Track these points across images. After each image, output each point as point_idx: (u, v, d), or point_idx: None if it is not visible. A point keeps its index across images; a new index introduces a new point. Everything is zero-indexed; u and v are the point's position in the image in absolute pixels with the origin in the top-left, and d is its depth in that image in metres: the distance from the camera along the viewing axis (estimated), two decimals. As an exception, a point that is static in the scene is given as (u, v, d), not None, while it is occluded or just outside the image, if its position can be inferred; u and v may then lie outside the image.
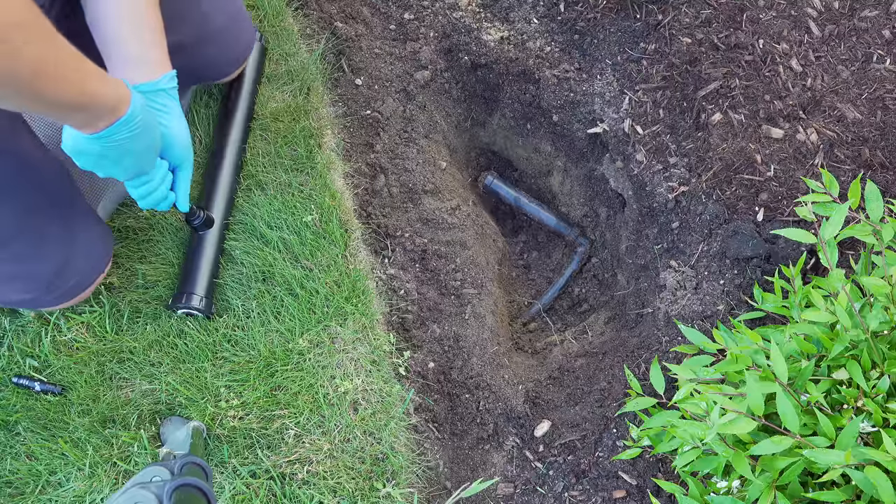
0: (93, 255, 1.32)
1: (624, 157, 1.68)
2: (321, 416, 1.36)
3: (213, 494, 0.81)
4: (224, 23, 1.39)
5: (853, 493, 0.96)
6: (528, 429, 1.48)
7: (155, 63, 1.15)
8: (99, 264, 1.35)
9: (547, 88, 1.78)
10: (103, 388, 1.37)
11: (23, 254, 1.19)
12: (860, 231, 1.13)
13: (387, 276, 1.56)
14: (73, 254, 1.26)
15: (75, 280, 1.31)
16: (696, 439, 1.01)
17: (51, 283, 1.27)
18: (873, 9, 1.64)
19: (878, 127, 1.50)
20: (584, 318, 1.83)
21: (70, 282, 1.30)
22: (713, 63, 1.59)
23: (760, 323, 1.37)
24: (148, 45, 1.13)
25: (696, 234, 1.52)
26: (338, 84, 1.75)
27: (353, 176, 1.65)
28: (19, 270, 1.22)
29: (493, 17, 1.85)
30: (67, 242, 1.24)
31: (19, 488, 1.31)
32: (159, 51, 1.16)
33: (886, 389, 0.99)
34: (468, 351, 1.53)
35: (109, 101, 0.98)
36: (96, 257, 1.33)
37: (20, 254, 1.19)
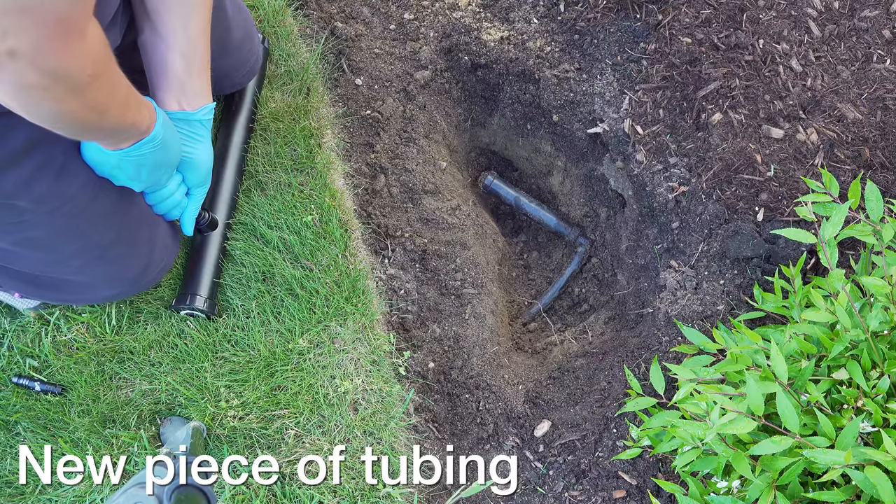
0: (168, 248, 1.36)
1: (624, 157, 1.68)
2: (321, 416, 1.36)
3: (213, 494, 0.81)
4: (241, 37, 1.43)
5: (853, 493, 0.96)
6: (528, 429, 1.48)
7: (197, 93, 1.20)
8: (171, 256, 1.39)
9: (547, 88, 1.78)
10: (103, 388, 1.37)
11: (120, 256, 1.24)
12: (860, 231, 1.13)
13: (387, 276, 1.56)
14: (154, 250, 1.30)
15: (155, 273, 1.35)
16: (696, 439, 1.01)
17: (137, 279, 1.32)
18: (873, 9, 1.64)
19: (878, 127, 1.50)
20: (584, 318, 1.83)
21: (151, 275, 1.34)
22: (713, 63, 1.59)
23: (760, 323, 1.37)
24: (195, 75, 1.18)
25: (696, 234, 1.52)
26: (338, 84, 1.75)
27: (353, 176, 1.65)
28: (116, 272, 1.27)
29: (493, 17, 1.85)
30: (151, 241, 1.28)
31: (19, 488, 1.31)
32: (204, 81, 1.21)
33: (886, 389, 0.99)
34: (468, 351, 1.53)
35: (142, 128, 1.03)
36: (170, 250, 1.38)
37: (118, 256, 1.24)
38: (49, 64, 0.75)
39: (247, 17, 1.46)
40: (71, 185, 1.06)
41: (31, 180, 1.01)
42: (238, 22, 1.41)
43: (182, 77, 1.16)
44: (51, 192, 1.04)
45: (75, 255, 1.19)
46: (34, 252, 1.16)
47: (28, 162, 0.99)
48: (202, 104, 1.21)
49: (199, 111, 1.21)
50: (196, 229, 1.43)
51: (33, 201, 1.04)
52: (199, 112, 1.21)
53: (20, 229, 1.09)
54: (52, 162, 1.02)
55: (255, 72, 1.54)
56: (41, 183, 1.02)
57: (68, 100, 0.82)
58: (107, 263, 1.24)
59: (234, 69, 1.46)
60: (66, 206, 1.08)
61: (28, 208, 1.05)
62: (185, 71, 1.16)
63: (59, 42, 0.74)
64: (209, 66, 1.21)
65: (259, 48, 1.53)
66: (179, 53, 1.14)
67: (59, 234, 1.13)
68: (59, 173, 1.04)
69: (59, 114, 0.84)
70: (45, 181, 1.02)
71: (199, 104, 1.21)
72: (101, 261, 1.22)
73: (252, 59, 1.49)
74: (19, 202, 1.03)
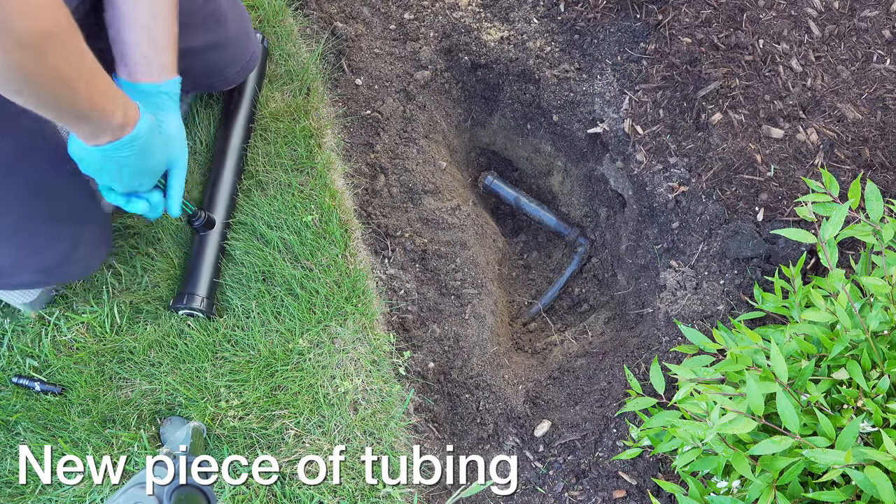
0: (92, 253, 1.34)
1: (624, 157, 1.68)
2: (321, 416, 1.36)
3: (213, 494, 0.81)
4: (237, 31, 1.41)
5: (853, 493, 0.96)
6: (528, 429, 1.48)
7: (163, 67, 1.17)
8: (97, 259, 1.37)
9: (547, 88, 1.78)
10: (103, 388, 1.37)
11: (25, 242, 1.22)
12: (860, 231, 1.13)
13: (387, 276, 1.56)
14: (77, 248, 1.28)
15: (73, 268, 1.33)
16: (696, 439, 1.01)
17: (49, 273, 1.30)
18: (873, 9, 1.64)
19: (878, 127, 1.50)
20: (584, 318, 1.83)
21: (68, 270, 1.32)
22: (713, 63, 1.59)
23: (760, 323, 1.37)
24: (160, 48, 1.16)
25: (696, 234, 1.52)
26: (338, 84, 1.75)
27: (353, 176, 1.65)
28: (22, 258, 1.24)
29: (493, 17, 1.85)
30: (74, 238, 1.27)
31: (19, 488, 1.31)
32: (170, 55, 1.18)
33: (886, 389, 0.99)
34: (468, 351, 1.53)
35: (116, 119, 1.02)
36: (95, 254, 1.36)
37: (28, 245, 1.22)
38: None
39: (242, 12, 1.45)
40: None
41: None
42: (233, 15, 1.39)
43: (147, 52, 1.14)
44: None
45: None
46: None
47: None
48: (167, 78, 1.18)
49: (165, 83, 1.17)
50: (192, 228, 1.43)
51: None
52: (164, 84, 1.17)
53: None
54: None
55: (250, 69, 1.52)
56: None
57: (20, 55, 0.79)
58: (12, 243, 1.21)
59: (228, 64, 1.45)
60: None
61: None
62: (149, 45, 1.13)
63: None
64: (176, 41, 1.18)
65: (256, 46, 1.52)
66: (143, 26, 1.12)
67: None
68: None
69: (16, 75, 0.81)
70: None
71: (166, 77, 1.17)
72: (6, 238, 1.20)
73: (247, 55, 1.48)
74: None
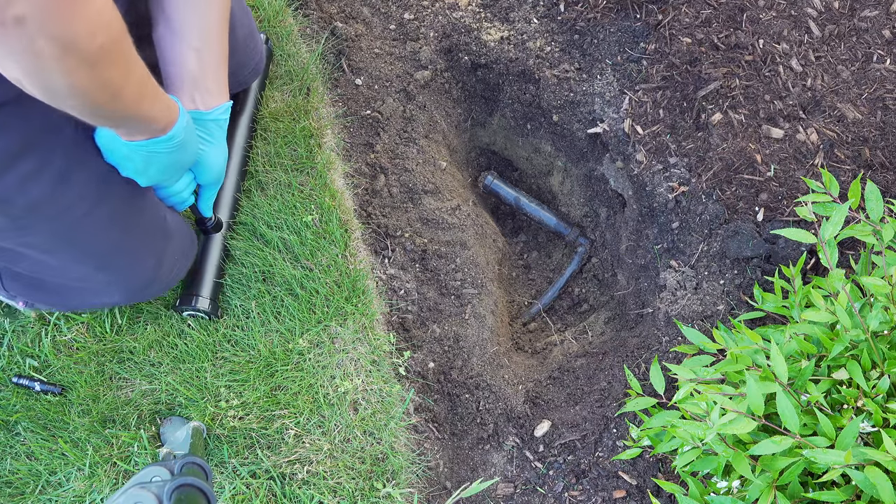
0: (179, 261, 1.34)
1: (624, 157, 1.68)
2: (321, 416, 1.36)
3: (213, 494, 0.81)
4: (245, 35, 1.41)
5: (853, 493, 0.96)
6: (528, 429, 1.48)
7: (211, 92, 1.17)
8: (184, 268, 1.37)
9: (547, 88, 1.78)
10: (103, 388, 1.37)
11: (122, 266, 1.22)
12: (860, 231, 1.13)
13: (387, 276, 1.56)
14: (164, 262, 1.28)
15: (163, 283, 1.33)
16: (696, 439, 1.01)
17: (142, 289, 1.30)
18: (873, 9, 1.64)
19: (878, 127, 1.50)
20: (584, 318, 1.83)
21: (158, 286, 1.33)
22: (713, 63, 1.59)
23: (760, 323, 1.37)
24: (210, 73, 1.15)
25: (696, 234, 1.52)
26: (338, 84, 1.75)
27: (353, 176, 1.65)
28: (118, 280, 1.25)
29: (493, 17, 1.85)
30: (159, 253, 1.26)
31: (19, 488, 1.31)
32: (219, 79, 1.18)
33: (886, 389, 0.99)
34: (468, 351, 1.53)
35: (158, 124, 1.01)
36: (183, 262, 1.36)
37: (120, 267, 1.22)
38: (57, 29, 0.73)
39: (249, 17, 1.46)
40: (67, 193, 1.04)
41: (26, 183, 0.98)
42: (242, 21, 1.40)
43: (196, 74, 1.13)
44: (46, 199, 1.01)
45: (74, 261, 1.17)
46: (35, 254, 1.15)
47: (23, 164, 0.97)
48: (217, 103, 1.18)
49: (214, 111, 1.17)
50: (203, 231, 1.43)
51: (28, 207, 1.01)
52: (213, 112, 1.17)
53: (19, 234, 1.07)
54: (50, 167, 1.00)
55: (260, 70, 1.54)
56: (36, 188, 0.99)
57: (79, 72, 0.80)
58: (108, 271, 1.21)
59: (239, 68, 1.45)
60: (63, 214, 1.05)
61: (22, 215, 1.02)
62: (198, 68, 1.13)
63: (65, 5, 0.72)
64: (226, 64, 1.18)
65: (262, 46, 1.53)
66: (193, 49, 1.11)
67: (57, 240, 1.11)
68: (58, 180, 1.01)
69: (70, 89, 0.82)
70: (41, 186, 1.00)
71: (214, 103, 1.17)
72: (102, 269, 1.20)
73: (256, 57, 1.49)
74: (13, 207, 1.00)
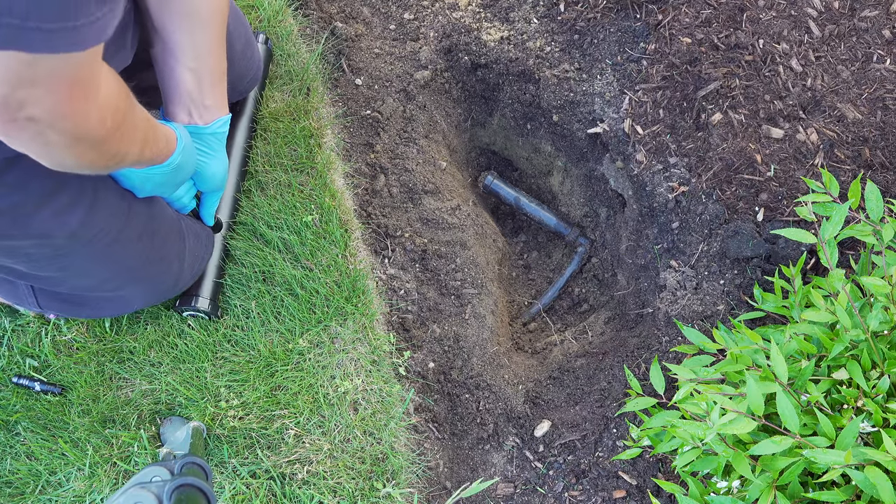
0: (198, 257, 1.37)
1: (624, 157, 1.68)
2: (321, 416, 1.36)
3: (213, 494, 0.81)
4: (242, 47, 1.43)
5: (853, 493, 0.96)
6: (528, 429, 1.48)
7: (209, 108, 1.20)
8: (203, 262, 1.40)
9: (547, 88, 1.78)
10: (103, 388, 1.37)
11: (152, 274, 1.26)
12: (860, 231, 1.13)
13: (387, 276, 1.56)
14: (185, 261, 1.31)
15: (186, 280, 1.36)
16: (696, 439, 1.01)
17: (169, 290, 1.34)
18: (873, 9, 1.64)
19: (878, 127, 1.50)
20: (584, 318, 1.83)
21: (183, 283, 1.36)
22: (713, 63, 1.59)
23: (760, 323, 1.37)
24: (206, 90, 1.18)
25: (696, 234, 1.52)
26: (338, 84, 1.75)
27: (353, 176, 1.65)
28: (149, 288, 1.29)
29: (493, 17, 1.85)
30: (181, 254, 1.29)
31: (19, 488, 1.31)
32: (217, 95, 1.20)
33: (886, 389, 0.99)
34: (468, 351, 1.53)
35: (157, 160, 1.05)
36: (202, 257, 1.39)
37: (150, 275, 1.26)
38: (67, 125, 0.77)
39: (247, 28, 1.47)
40: (101, 216, 1.07)
41: (62, 216, 1.02)
42: (239, 33, 1.41)
43: (192, 92, 1.16)
44: (83, 226, 1.05)
45: (111, 278, 1.21)
46: (74, 278, 1.19)
47: (58, 200, 1.01)
48: (215, 117, 1.21)
49: (212, 125, 1.20)
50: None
51: (68, 236, 1.05)
52: (211, 126, 1.20)
53: (58, 260, 1.11)
54: (83, 199, 1.03)
55: (258, 80, 1.55)
56: (73, 219, 1.03)
57: (89, 153, 0.85)
58: (140, 281, 1.26)
59: (237, 79, 1.47)
60: (99, 236, 1.09)
61: (63, 244, 1.06)
62: (195, 86, 1.16)
63: (74, 104, 0.76)
64: (224, 79, 1.21)
65: (259, 56, 1.53)
66: (188, 69, 1.14)
67: (95, 262, 1.14)
68: (91, 207, 1.05)
69: (78, 164, 0.87)
70: (77, 216, 1.03)
71: (212, 118, 1.20)
72: (135, 281, 1.24)
73: (254, 67, 1.50)
74: (55, 239, 1.04)
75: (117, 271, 1.19)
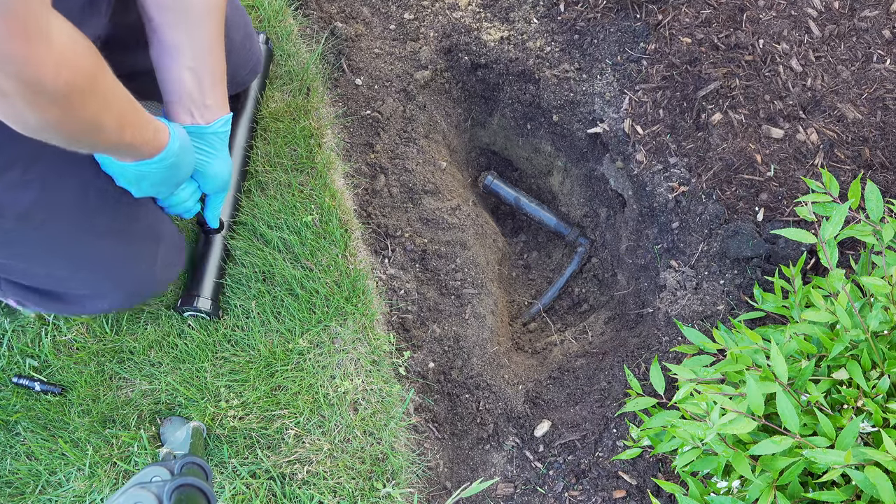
0: (170, 265, 1.36)
1: (624, 157, 1.68)
2: (321, 416, 1.36)
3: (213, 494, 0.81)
4: (241, 37, 1.41)
5: (853, 493, 0.96)
6: (528, 429, 1.48)
7: (211, 107, 1.18)
8: (175, 270, 1.39)
9: (547, 88, 1.78)
10: (103, 388, 1.37)
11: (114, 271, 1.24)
12: (860, 231, 1.13)
13: (387, 276, 1.56)
14: (156, 266, 1.30)
15: (156, 286, 1.35)
16: (696, 439, 1.01)
17: (136, 293, 1.32)
18: (873, 9, 1.64)
19: (878, 127, 1.50)
20: (584, 318, 1.83)
21: (151, 288, 1.34)
22: (713, 63, 1.59)
23: (760, 323, 1.37)
24: (207, 89, 1.16)
25: (696, 234, 1.52)
26: (338, 84, 1.75)
27: (353, 176, 1.65)
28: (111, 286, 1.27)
29: (493, 17, 1.85)
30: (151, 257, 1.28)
31: (19, 488, 1.31)
32: (218, 94, 1.19)
33: (886, 389, 0.99)
34: (468, 351, 1.53)
35: (145, 150, 1.03)
36: (174, 265, 1.37)
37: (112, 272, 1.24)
38: (16, 68, 0.73)
39: (245, 17, 1.46)
40: (57, 201, 1.05)
41: (16, 190, 1.00)
42: (237, 22, 1.40)
43: (192, 92, 1.15)
44: (36, 205, 1.03)
45: (64, 268, 1.19)
46: (25, 265, 1.17)
47: (13, 171, 0.98)
48: (217, 117, 1.19)
49: (214, 124, 1.19)
50: (204, 231, 1.43)
51: (16, 218, 1.03)
52: (213, 125, 1.19)
53: (8, 245, 1.09)
54: (33, 175, 1.01)
55: (258, 71, 1.54)
56: (26, 195, 1.01)
57: (51, 109, 0.80)
58: (109, 280, 1.24)
59: (236, 69, 1.46)
60: (50, 222, 1.07)
61: (12, 227, 1.04)
62: (195, 86, 1.14)
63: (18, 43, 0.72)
64: (224, 79, 1.19)
65: (259, 47, 1.53)
66: (187, 69, 1.12)
67: (48, 252, 1.12)
68: (45, 188, 1.03)
69: (44, 123, 0.82)
70: (30, 194, 1.01)
71: (213, 117, 1.19)
72: (105, 279, 1.22)
73: (254, 58, 1.49)
74: (5, 219, 1.02)
75: (73, 262, 1.17)
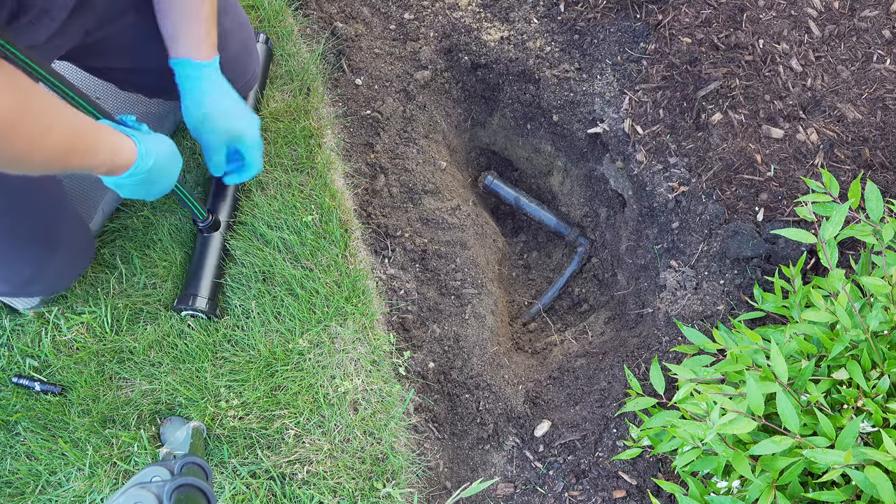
0: (66, 270, 1.37)
1: (624, 157, 1.68)
2: (321, 416, 1.36)
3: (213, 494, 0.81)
4: (238, 52, 1.42)
5: (853, 493, 0.96)
6: (528, 429, 1.48)
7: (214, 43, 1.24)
8: (74, 272, 1.40)
9: (547, 88, 1.78)
10: (103, 388, 1.37)
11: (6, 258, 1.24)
12: (860, 231, 1.13)
13: (387, 276, 1.56)
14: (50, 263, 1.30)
15: (50, 282, 1.36)
16: (696, 439, 1.01)
17: (24, 286, 1.32)
18: (873, 9, 1.64)
19: (878, 127, 1.50)
20: (584, 318, 1.83)
21: (45, 284, 1.35)
22: (713, 63, 1.59)
23: (760, 323, 1.37)
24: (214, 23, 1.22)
25: (696, 234, 1.52)
26: (338, 84, 1.75)
27: (353, 176, 1.65)
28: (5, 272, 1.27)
29: (493, 17, 1.85)
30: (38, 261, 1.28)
31: (19, 488, 1.31)
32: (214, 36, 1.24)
33: (886, 389, 1.00)
34: (468, 351, 1.53)
35: (102, 171, 1.06)
36: (72, 267, 1.39)
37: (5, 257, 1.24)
38: None
39: (247, 34, 1.46)
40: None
41: None
42: (236, 37, 1.40)
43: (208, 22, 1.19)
44: None
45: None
46: None
47: None
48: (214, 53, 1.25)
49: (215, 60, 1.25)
50: (199, 230, 1.43)
51: None
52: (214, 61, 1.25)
53: None
54: None
55: (251, 86, 1.55)
56: None
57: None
58: None
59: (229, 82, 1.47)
60: None
61: None
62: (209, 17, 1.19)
63: None
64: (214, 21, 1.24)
65: (257, 65, 1.53)
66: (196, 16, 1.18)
67: None
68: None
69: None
70: None
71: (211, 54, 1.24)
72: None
73: (248, 74, 1.49)
74: None
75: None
